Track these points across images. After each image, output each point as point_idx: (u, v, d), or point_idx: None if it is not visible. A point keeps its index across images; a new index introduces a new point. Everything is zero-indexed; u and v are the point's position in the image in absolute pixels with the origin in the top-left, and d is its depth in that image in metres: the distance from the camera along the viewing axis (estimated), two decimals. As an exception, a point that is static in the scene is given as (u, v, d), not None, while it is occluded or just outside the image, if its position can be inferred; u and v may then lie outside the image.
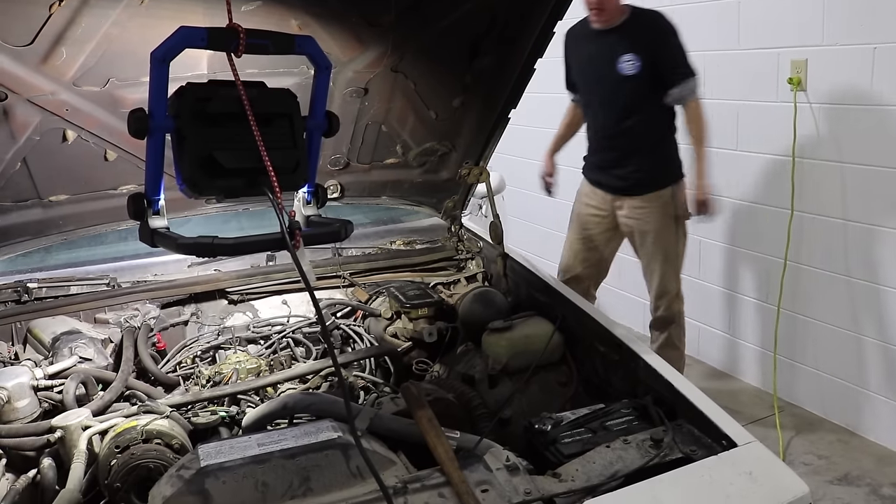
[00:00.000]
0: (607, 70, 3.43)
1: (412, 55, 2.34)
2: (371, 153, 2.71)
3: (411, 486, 1.48)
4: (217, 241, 1.48)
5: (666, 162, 3.60)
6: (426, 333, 2.41)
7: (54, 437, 1.79)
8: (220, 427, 1.92)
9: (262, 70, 2.16)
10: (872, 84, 3.34)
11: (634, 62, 3.35)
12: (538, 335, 2.19)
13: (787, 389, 3.97)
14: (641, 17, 3.43)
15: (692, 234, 3.81)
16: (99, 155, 2.25)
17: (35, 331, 2.32)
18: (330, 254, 2.86)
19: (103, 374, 2.12)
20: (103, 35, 1.90)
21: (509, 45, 2.30)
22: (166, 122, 1.47)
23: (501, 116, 2.53)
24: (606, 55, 3.42)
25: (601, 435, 1.72)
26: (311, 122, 1.67)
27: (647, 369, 1.92)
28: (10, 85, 1.94)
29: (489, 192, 2.75)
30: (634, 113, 3.46)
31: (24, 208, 2.29)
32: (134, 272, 2.67)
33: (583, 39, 3.57)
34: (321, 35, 2.13)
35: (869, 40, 3.32)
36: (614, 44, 3.40)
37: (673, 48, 3.38)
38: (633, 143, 3.51)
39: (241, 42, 1.46)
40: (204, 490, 1.44)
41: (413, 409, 1.72)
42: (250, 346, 2.41)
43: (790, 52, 3.64)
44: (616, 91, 3.47)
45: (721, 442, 1.62)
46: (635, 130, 3.48)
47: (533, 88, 2.43)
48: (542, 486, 1.49)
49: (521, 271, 2.61)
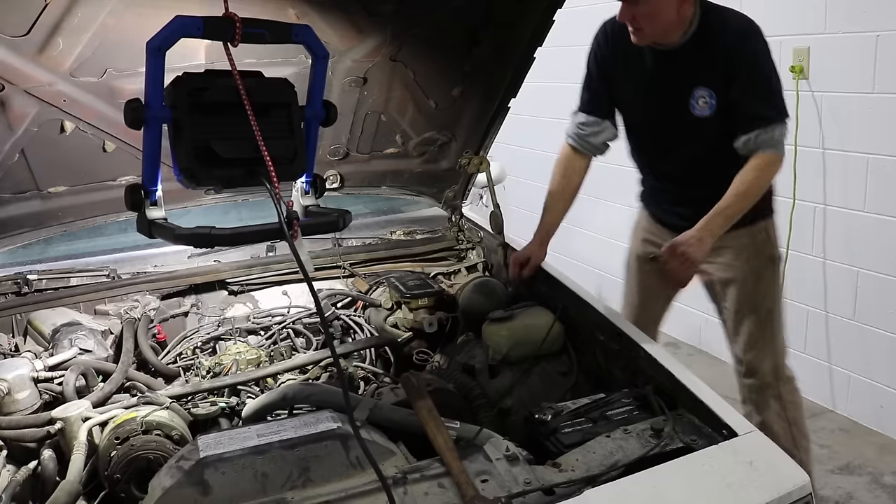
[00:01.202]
0: (674, 108, 2.41)
1: (411, 44, 2.32)
2: (370, 143, 2.70)
3: (411, 476, 1.48)
4: (214, 232, 1.47)
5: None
6: (426, 323, 2.40)
7: (54, 428, 1.80)
8: (219, 418, 1.92)
9: (260, 60, 2.15)
10: (875, 72, 3.32)
11: (709, 100, 2.35)
12: (538, 325, 2.19)
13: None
14: (716, 27, 2.31)
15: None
16: (97, 146, 2.24)
17: (35, 322, 2.32)
18: (330, 244, 2.86)
19: (103, 366, 2.12)
20: (100, 25, 1.89)
21: (509, 33, 2.28)
22: (163, 112, 1.46)
23: (501, 106, 2.52)
24: (672, 87, 2.39)
25: (601, 425, 1.72)
26: (308, 112, 1.66)
27: (647, 359, 1.91)
28: (6, 76, 1.92)
29: (489, 182, 2.74)
30: (711, 158, 2.44)
31: (23, 200, 2.28)
32: (134, 263, 2.67)
33: (635, 55, 2.44)
34: (319, 24, 2.11)
35: (872, 28, 3.30)
36: (680, 72, 2.36)
37: (758, 77, 2.31)
38: (707, 191, 2.39)
39: (238, 31, 1.45)
40: (203, 481, 1.44)
41: (413, 399, 1.72)
42: (250, 336, 2.41)
43: (792, 39, 3.62)
44: (686, 135, 2.46)
45: (721, 431, 1.62)
46: (711, 177, 2.40)
47: (533, 77, 2.41)
48: (541, 476, 1.48)
49: (521, 261, 2.58)
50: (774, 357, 2.65)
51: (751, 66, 2.29)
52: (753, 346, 2.65)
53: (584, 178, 2.69)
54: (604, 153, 2.68)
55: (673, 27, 2.30)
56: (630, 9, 2.25)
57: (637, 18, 2.27)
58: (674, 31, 2.32)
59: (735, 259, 2.61)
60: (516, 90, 2.46)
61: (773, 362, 2.65)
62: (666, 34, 2.33)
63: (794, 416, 2.67)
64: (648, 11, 2.24)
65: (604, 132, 2.62)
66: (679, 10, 2.26)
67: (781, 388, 2.66)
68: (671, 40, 2.34)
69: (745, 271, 2.61)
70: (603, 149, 2.66)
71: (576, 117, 2.64)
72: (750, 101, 2.31)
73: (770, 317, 2.65)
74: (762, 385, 2.67)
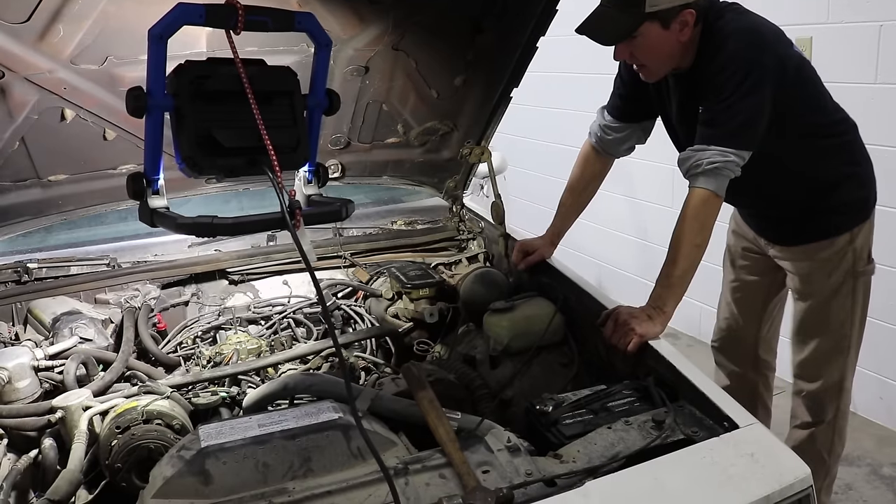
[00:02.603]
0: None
1: (413, 33, 2.31)
2: (372, 132, 2.69)
3: (412, 466, 1.48)
4: (216, 221, 1.47)
5: (834, 205, 2.36)
6: (427, 314, 2.40)
7: (55, 417, 1.80)
8: (220, 408, 1.92)
9: (262, 48, 2.14)
10: (878, 62, 3.31)
11: None
12: (540, 316, 2.18)
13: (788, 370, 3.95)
14: (713, 44, 2.09)
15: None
16: (98, 134, 2.23)
17: (35, 311, 2.32)
18: (331, 234, 2.86)
19: (104, 355, 2.12)
20: (100, 12, 1.88)
21: (511, 22, 2.27)
22: (165, 100, 1.45)
23: (503, 95, 2.51)
24: (694, 107, 2.15)
25: (602, 416, 1.71)
26: (311, 101, 1.66)
27: (648, 350, 1.91)
28: (6, 63, 1.91)
29: (491, 172, 2.73)
30: (757, 172, 2.14)
31: (23, 188, 2.27)
32: (134, 252, 2.66)
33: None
34: (321, 12, 2.10)
35: (875, 18, 3.29)
36: (694, 92, 2.16)
37: (722, 83, 2.04)
38: (770, 204, 2.41)
39: (240, 18, 1.44)
40: (204, 470, 1.44)
41: (414, 389, 1.71)
42: (251, 326, 2.41)
43: (795, 29, 3.58)
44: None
45: (723, 423, 1.62)
46: (756, 183, 2.20)
47: (535, 67, 2.40)
48: (543, 467, 1.48)
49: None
50: (842, 371, 2.48)
51: (719, 70, 2.04)
52: (819, 359, 2.50)
53: (602, 181, 2.59)
54: (626, 156, 2.56)
55: (678, 54, 2.12)
56: (625, 45, 2.09)
57: (636, 55, 2.12)
58: (684, 56, 2.14)
59: (811, 271, 2.42)
60: (518, 80, 2.45)
61: (840, 375, 2.49)
62: (675, 62, 2.15)
63: (841, 424, 2.57)
64: (645, 44, 2.07)
65: (630, 139, 2.49)
66: (679, 37, 2.07)
67: (841, 402, 2.53)
68: (683, 64, 2.16)
69: (824, 284, 2.41)
70: (626, 153, 2.55)
71: (602, 117, 2.49)
72: (706, 106, 2.08)
73: (843, 332, 2.45)
74: (819, 393, 2.53)
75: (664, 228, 2.25)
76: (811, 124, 2.27)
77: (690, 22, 2.06)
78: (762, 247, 2.58)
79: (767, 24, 2.15)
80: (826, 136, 2.31)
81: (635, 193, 4.92)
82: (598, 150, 2.52)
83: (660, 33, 2.05)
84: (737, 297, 2.76)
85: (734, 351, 2.83)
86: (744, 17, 2.13)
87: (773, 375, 2.93)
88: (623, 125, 2.45)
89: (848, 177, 2.37)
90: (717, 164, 2.01)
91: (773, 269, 2.59)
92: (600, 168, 2.56)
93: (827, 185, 2.34)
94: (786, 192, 2.35)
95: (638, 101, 2.40)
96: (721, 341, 2.87)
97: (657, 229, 4.84)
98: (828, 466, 2.60)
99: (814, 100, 2.28)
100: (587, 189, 2.58)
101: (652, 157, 2.54)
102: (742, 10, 2.15)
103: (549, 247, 2.51)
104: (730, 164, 2.02)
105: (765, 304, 2.73)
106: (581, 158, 2.58)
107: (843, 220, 2.37)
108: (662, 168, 4.23)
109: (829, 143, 2.32)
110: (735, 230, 2.71)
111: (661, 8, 2.01)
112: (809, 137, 2.27)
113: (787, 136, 2.21)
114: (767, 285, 2.67)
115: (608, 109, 2.47)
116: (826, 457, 2.57)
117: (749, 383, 2.84)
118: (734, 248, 2.72)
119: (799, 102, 2.21)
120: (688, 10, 2.04)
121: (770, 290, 2.69)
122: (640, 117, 2.46)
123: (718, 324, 2.87)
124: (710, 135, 2.04)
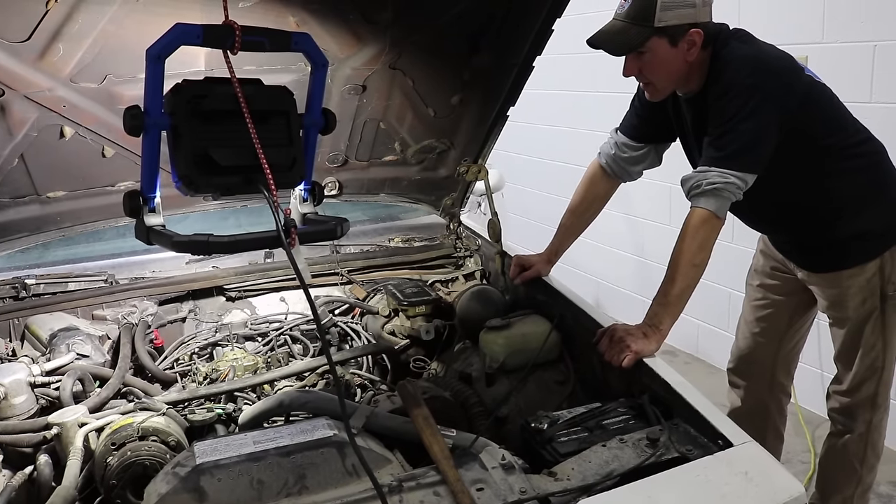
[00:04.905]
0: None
1: (410, 52, 2.33)
2: (369, 150, 2.71)
3: (406, 484, 1.48)
4: (212, 240, 1.48)
5: (863, 230, 2.34)
6: (424, 331, 2.41)
7: (51, 433, 1.80)
8: (216, 424, 1.92)
9: (259, 67, 2.15)
10: (873, 81, 3.33)
11: None
12: (536, 333, 2.19)
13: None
14: (717, 69, 2.14)
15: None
16: (96, 151, 2.24)
17: (32, 327, 2.32)
18: (328, 251, 2.86)
19: (100, 371, 2.12)
20: (100, 31, 1.90)
21: (508, 42, 2.29)
22: (162, 119, 1.46)
23: (500, 114, 2.53)
24: (704, 129, 2.17)
25: (597, 434, 1.72)
26: (307, 120, 1.67)
27: (643, 368, 1.92)
28: (7, 81, 1.93)
29: (488, 190, 2.75)
30: (765, 189, 2.15)
31: (22, 204, 2.28)
32: (132, 269, 2.67)
33: (675, 100, 2.33)
34: (318, 32, 2.12)
35: (870, 38, 3.31)
36: (703, 115, 2.18)
37: (724, 108, 2.08)
38: (792, 229, 2.45)
39: (237, 39, 1.46)
40: (199, 487, 1.44)
41: (409, 407, 1.72)
42: (248, 343, 2.42)
43: (790, 49, 3.58)
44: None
45: (717, 441, 1.62)
46: (789, 216, 2.37)
47: (532, 85, 2.42)
48: (537, 485, 1.49)
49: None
50: (875, 387, 2.48)
51: (721, 94, 2.09)
52: (853, 378, 2.49)
53: (604, 204, 2.59)
54: (635, 179, 2.56)
55: (684, 74, 2.17)
56: (634, 61, 2.14)
57: (644, 71, 2.16)
58: (690, 78, 2.18)
59: (843, 298, 2.41)
60: (515, 99, 2.47)
61: (874, 391, 2.48)
62: (680, 84, 2.21)
63: (874, 438, 2.57)
64: (653, 60, 2.12)
65: (645, 159, 2.50)
66: (686, 56, 2.12)
67: (873, 416, 2.53)
68: (692, 88, 2.21)
69: (857, 309, 2.40)
70: (636, 176, 2.54)
71: (617, 137, 2.49)
72: (712, 127, 2.11)
73: (874, 353, 2.44)
74: (851, 406, 2.54)
75: (661, 246, 2.26)
76: (831, 147, 2.27)
77: (698, 42, 2.11)
78: (791, 269, 2.57)
79: (773, 52, 2.20)
80: (849, 157, 2.31)
81: (633, 211, 4.93)
82: (608, 170, 2.52)
83: (668, 50, 2.10)
84: (760, 315, 2.74)
85: (749, 371, 2.82)
86: (747, 45, 2.17)
87: (788, 401, 2.91)
88: (639, 145, 2.47)
89: (875, 199, 2.35)
90: (717, 185, 2.04)
91: (801, 290, 2.59)
92: (605, 190, 2.57)
93: (853, 210, 2.33)
94: (811, 218, 2.36)
95: (655, 122, 2.41)
96: (738, 361, 2.85)
97: (654, 247, 4.86)
98: (860, 476, 2.60)
99: (833, 122, 2.29)
100: (588, 211, 2.58)
101: (649, 175, 2.54)
102: (747, 39, 2.20)
103: (545, 264, 2.51)
104: (730, 186, 2.05)
105: (789, 324, 2.72)
106: (586, 179, 2.58)
107: (872, 246, 2.36)
108: (660, 186, 4.25)
109: (854, 164, 2.31)
110: (763, 250, 2.71)
111: (669, 24, 2.06)
112: (831, 160, 2.28)
113: (808, 159, 2.24)
114: (794, 305, 2.66)
115: (623, 130, 2.48)
116: (858, 466, 2.58)
117: (762, 404, 2.82)
118: (762, 267, 2.71)
119: (819, 125, 2.23)
120: (695, 29, 2.09)
121: (796, 311, 2.68)
122: (657, 139, 2.47)
123: (737, 343, 2.86)
124: (711, 157, 2.08)
